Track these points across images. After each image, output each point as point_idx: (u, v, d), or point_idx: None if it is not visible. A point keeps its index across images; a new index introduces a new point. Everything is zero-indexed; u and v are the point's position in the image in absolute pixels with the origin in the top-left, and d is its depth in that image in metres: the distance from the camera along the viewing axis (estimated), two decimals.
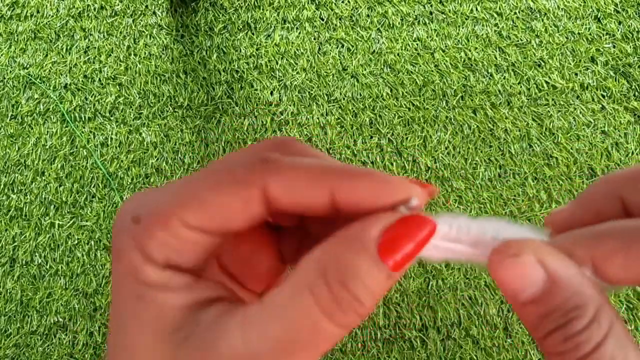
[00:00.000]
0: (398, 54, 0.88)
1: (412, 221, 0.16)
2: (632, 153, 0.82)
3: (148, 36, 0.91)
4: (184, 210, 0.16)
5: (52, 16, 0.93)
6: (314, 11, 0.91)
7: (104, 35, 0.91)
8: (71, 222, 0.82)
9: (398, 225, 0.15)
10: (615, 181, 0.19)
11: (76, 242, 0.81)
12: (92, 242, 0.80)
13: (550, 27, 0.89)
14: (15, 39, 0.91)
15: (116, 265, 0.16)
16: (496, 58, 0.87)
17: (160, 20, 0.92)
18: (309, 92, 0.87)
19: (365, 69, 0.87)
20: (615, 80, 0.86)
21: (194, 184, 0.17)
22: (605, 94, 0.85)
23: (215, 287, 0.17)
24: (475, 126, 0.84)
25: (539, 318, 0.16)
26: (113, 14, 0.92)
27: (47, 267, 0.80)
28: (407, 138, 0.84)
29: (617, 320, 0.16)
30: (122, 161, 0.84)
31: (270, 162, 0.17)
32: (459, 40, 0.89)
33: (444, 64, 0.87)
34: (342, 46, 0.89)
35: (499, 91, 0.85)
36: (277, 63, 0.89)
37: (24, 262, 0.80)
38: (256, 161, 0.17)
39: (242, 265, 0.20)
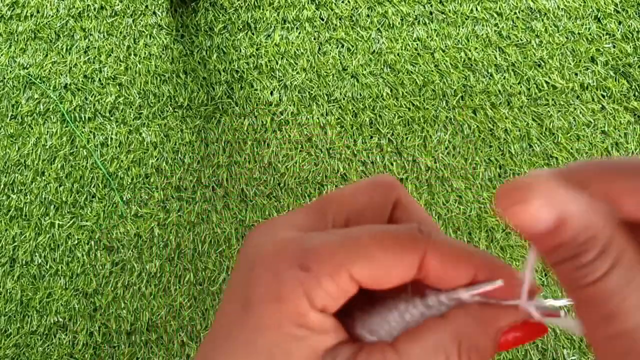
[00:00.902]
0: (398, 54, 0.88)
1: (529, 326, 0.20)
2: (632, 153, 0.82)
3: (148, 36, 0.91)
4: (354, 264, 0.18)
5: (52, 16, 0.93)
6: (314, 11, 0.91)
7: (104, 35, 0.91)
8: (71, 222, 0.82)
9: (521, 325, 0.20)
10: (610, 181, 0.18)
11: (76, 242, 0.81)
12: (92, 242, 0.80)
13: (550, 27, 0.89)
14: (15, 39, 0.91)
15: (276, 305, 0.18)
16: (496, 58, 0.87)
17: (160, 20, 0.92)
18: (309, 92, 0.87)
19: (365, 69, 0.87)
20: (615, 80, 0.86)
21: (361, 236, 0.19)
22: (605, 94, 0.85)
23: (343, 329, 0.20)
24: (475, 126, 0.84)
25: (552, 247, 0.17)
26: (113, 14, 0.92)
27: (47, 267, 0.80)
28: (407, 138, 0.84)
29: (628, 251, 0.16)
30: (122, 161, 0.84)
31: (426, 233, 0.19)
32: (459, 40, 0.89)
33: (444, 64, 0.87)
34: (342, 46, 0.89)
35: (499, 91, 0.85)
36: (277, 63, 0.89)
37: (24, 262, 0.80)
38: (414, 229, 0.19)
39: None
